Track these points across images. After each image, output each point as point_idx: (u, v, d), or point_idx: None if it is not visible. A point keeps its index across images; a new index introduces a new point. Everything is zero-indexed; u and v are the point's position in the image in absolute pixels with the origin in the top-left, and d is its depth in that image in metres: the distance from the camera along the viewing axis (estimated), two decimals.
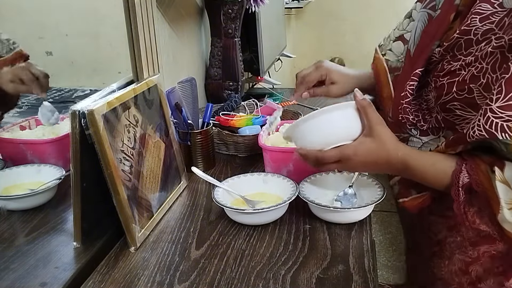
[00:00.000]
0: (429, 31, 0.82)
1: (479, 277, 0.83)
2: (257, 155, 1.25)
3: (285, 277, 0.80)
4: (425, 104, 0.82)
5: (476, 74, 0.71)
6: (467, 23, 0.73)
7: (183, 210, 1.04)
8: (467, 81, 0.72)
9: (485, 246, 0.82)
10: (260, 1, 1.63)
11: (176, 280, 0.80)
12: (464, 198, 0.73)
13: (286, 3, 3.12)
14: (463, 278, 0.85)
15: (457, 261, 0.85)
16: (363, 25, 3.69)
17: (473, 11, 0.73)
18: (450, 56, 0.76)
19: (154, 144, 1.02)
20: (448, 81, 0.75)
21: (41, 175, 0.98)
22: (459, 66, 0.74)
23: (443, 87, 0.76)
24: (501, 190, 0.67)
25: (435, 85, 0.77)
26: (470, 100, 0.72)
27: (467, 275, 0.84)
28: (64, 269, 0.82)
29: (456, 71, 0.74)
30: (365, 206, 0.92)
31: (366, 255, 0.85)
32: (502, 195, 0.67)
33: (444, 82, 0.76)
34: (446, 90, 0.75)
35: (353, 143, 0.79)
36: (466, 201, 0.73)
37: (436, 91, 0.77)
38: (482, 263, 0.82)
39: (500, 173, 0.68)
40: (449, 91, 0.74)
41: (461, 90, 0.73)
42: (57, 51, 1.09)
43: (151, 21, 1.13)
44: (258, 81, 1.97)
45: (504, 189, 0.67)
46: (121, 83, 1.02)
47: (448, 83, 0.75)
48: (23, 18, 1.03)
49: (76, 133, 0.81)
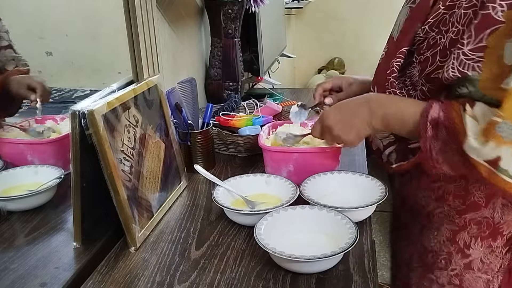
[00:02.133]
0: (411, 17, 0.87)
1: (466, 244, 0.89)
2: (257, 155, 1.25)
3: (285, 277, 0.80)
4: (409, 80, 0.86)
5: (454, 37, 0.76)
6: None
7: (183, 210, 1.04)
8: (447, 47, 0.77)
9: (471, 213, 0.87)
10: (260, 1, 1.63)
11: (176, 280, 0.80)
12: (431, 133, 0.77)
13: (286, 3, 3.12)
14: (451, 247, 0.91)
15: (445, 231, 0.91)
16: (363, 25, 3.69)
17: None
18: (435, 33, 0.80)
19: (154, 144, 1.03)
20: (431, 53, 0.80)
21: (39, 176, 0.98)
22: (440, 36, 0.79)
23: (427, 59, 0.81)
24: (469, 124, 0.72)
25: (419, 60, 0.83)
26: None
27: (455, 244, 0.90)
28: (64, 269, 0.82)
29: (437, 41, 0.79)
30: (365, 207, 0.91)
31: (366, 255, 0.85)
32: (470, 127, 0.72)
33: (428, 55, 0.81)
34: (430, 61, 0.80)
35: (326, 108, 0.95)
36: (433, 136, 0.77)
37: (420, 65, 0.82)
38: (469, 230, 0.88)
39: (470, 109, 0.73)
40: (433, 62, 0.80)
41: (443, 57, 0.78)
42: (57, 51, 1.08)
43: (151, 21, 1.13)
44: (258, 81, 1.97)
45: (472, 122, 0.72)
46: (121, 83, 1.02)
47: (432, 55, 0.80)
48: (23, 18, 1.03)
49: (76, 133, 0.81)
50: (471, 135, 0.71)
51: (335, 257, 0.78)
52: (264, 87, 2.00)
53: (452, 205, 0.89)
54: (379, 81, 0.91)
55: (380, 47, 0.94)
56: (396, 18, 0.93)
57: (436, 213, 0.92)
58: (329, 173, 1.04)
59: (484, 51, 0.72)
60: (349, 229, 0.83)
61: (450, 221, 0.90)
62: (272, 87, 2.02)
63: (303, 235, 0.88)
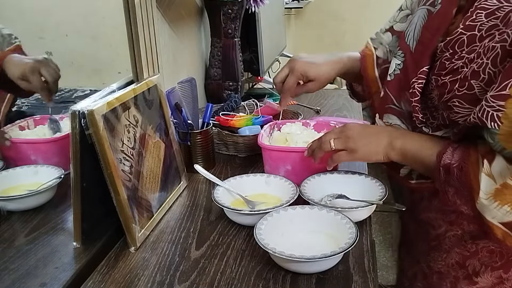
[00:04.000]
0: (430, 26, 0.80)
1: (475, 271, 0.84)
2: (257, 155, 1.25)
3: (285, 277, 0.80)
4: (430, 102, 0.81)
5: (477, 69, 0.70)
6: (472, 18, 0.72)
7: (183, 210, 1.04)
8: (468, 78, 0.71)
9: (484, 240, 0.82)
10: (260, 1, 1.63)
11: (176, 280, 0.80)
12: (444, 178, 0.74)
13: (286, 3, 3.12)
14: (459, 271, 0.86)
15: (455, 254, 0.86)
16: (363, 25, 3.69)
17: (478, 5, 0.71)
18: (449, 53, 0.75)
19: (154, 144, 1.03)
20: (450, 79, 0.74)
21: (39, 176, 0.97)
22: (461, 64, 0.72)
23: (445, 85, 0.75)
24: (484, 182, 0.68)
25: (437, 84, 0.77)
26: (470, 96, 0.71)
27: (463, 269, 0.85)
28: (64, 269, 0.82)
29: (459, 69, 0.73)
30: (364, 207, 0.91)
31: (366, 255, 0.85)
32: (484, 187, 0.68)
33: (446, 80, 0.75)
34: (448, 88, 0.74)
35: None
36: (446, 181, 0.74)
37: (438, 90, 0.77)
38: (480, 257, 0.83)
39: (488, 166, 0.69)
40: (451, 89, 0.74)
41: (461, 87, 0.72)
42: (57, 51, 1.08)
43: (151, 21, 1.13)
44: (258, 81, 1.98)
45: (488, 181, 0.68)
46: (121, 83, 1.02)
47: (450, 82, 0.74)
48: (23, 18, 1.03)
49: (76, 133, 0.81)
50: (483, 196, 0.68)
51: (335, 257, 0.78)
52: (264, 87, 2.00)
53: (466, 229, 0.84)
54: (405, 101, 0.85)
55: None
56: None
57: (448, 235, 0.87)
58: (329, 173, 1.04)
59: (506, 100, 0.64)
60: (349, 229, 0.83)
61: (461, 246, 0.85)
62: (272, 87, 2.02)
63: (303, 235, 0.88)
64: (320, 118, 1.54)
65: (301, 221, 0.89)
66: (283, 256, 0.76)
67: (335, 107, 1.75)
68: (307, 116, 1.62)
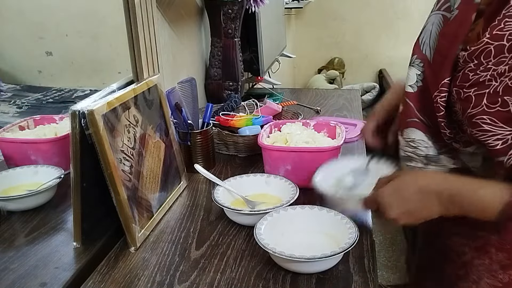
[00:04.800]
0: (447, 33, 0.75)
1: None
2: (257, 155, 1.24)
3: (285, 277, 0.80)
4: (455, 116, 0.74)
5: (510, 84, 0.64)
6: (500, 27, 0.66)
7: (183, 210, 1.04)
8: (499, 93, 0.65)
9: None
10: (260, 1, 1.63)
11: (176, 280, 0.80)
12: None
13: (286, 3, 3.12)
14: None
15: (485, 285, 0.80)
16: (363, 25, 3.69)
17: (506, 13, 0.65)
18: (474, 64, 0.68)
19: (154, 144, 1.02)
20: (475, 93, 0.68)
21: (38, 176, 0.97)
22: (489, 77, 0.66)
23: (469, 99, 0.68)
24: None
25: (459, 97, 0.70)
26: (505, 114, 0.65)
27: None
28: (64, 269, 0.82)
29: (486, 82, 0.67)
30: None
31: (366, 255, 0.85)
32: None
33: (470, 94, 0.68)
34: (474, 102, 0.68)
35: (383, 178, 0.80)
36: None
37: (461, 103, 0.70)
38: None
39: None
40: (478, 104, 0.67)
41: (492, 103, 0.66)
42: (57, 51, 1.08)
43: (151, 21, 1.13)
44: (258, 81, 1.97)
45: None
46: (121, 83, 1.02)
47: (476, 95, 0.68)
48: (23, 18, 1.03)
49: (76, 133, 0.81)
50: None
51: (335, 257, 0.78)
52: (264, 87, 2.00)
53: (494, 258, 0.78)
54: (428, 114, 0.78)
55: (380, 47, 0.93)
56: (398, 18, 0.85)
57: (475, 264, 0.80)
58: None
59: None
60: (349, 229, 0.83)
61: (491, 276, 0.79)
62: (272, 87, 2.02)
63: (303, 235, 0.88)
64: (320, 118, 1.55)
65: (301, 221, 0.89)
66: (283, 256, 0.76)
67: (335, 107, 1.75)
68: (307, 116, 1.62)
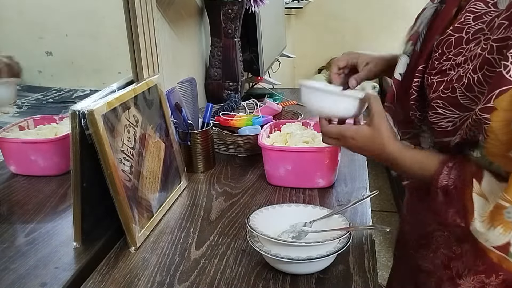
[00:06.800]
0: (434, 25, 0.81)
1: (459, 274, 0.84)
2: (257, 155, 1.25)
3: (285, 277, 0.80)
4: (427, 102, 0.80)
5: (462, 74, 0.70)
6: (461, 20, 0.73)
7: (183, 210, 1.04)
8: (453, 81, 0.72)
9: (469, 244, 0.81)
10: (260, 1, 1.63)
11: (176, 280, 0.80)
12: (442, 200, 0.73)
13: (286, 3, 3.12)
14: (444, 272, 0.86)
15: (441, 255, 0.86)
16: (363, 25, 3.69)
17: (468, 8, 0.72)
18: (439, 53, 0.75)
19: (154, 144, 1.03)
20: (438, 79, 0.75)
21: None
22: (449, 66, 0.73)
23: (432, 85, 0.76)
24: (477, 203, 0.67)
25: (427, 83, 0.77)
26: (453, 99, 0.72)
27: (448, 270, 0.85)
28: (64, 269, 0.82)
29: (447, 71, 0.74)
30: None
31: (366, 255, 0.85)
32: (477, 207, 0.67)
33: (434, 80, 0.75)
34: (434, 88, 0.75)
35: (353, 127, 0.83)
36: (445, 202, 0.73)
37: (428, 89, 0.77)
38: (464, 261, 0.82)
39: (477, 185, 0.68)
40: (436, 89, 0.74)
41: (445, 89, 0.73)
42: (57, 51, 1.08)
43: (151, 21, 1.13)
44: (258, 81, 1.97)
45: (481, 201, 0.67)
46: (121, 83, 1.02)
47: (437, 82, 0.75)
48: (23, 18, 1.03)
49: (76, 133, 0.81)
50: (477, 217, 0.67)
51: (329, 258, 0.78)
52: (264, 87, 2.00)
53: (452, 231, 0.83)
54: (402, 100, 0.85)
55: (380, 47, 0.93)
56: (398, 18, 0.90)
57: (436, 235, 0.87)
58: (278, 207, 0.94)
59: (491, 112, 0.64)
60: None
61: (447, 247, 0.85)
62: (272, 87, 2.02)
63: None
64: None
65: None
66: (278, 258, 0.77)
67: None
68: (307, 116, 1.62)
